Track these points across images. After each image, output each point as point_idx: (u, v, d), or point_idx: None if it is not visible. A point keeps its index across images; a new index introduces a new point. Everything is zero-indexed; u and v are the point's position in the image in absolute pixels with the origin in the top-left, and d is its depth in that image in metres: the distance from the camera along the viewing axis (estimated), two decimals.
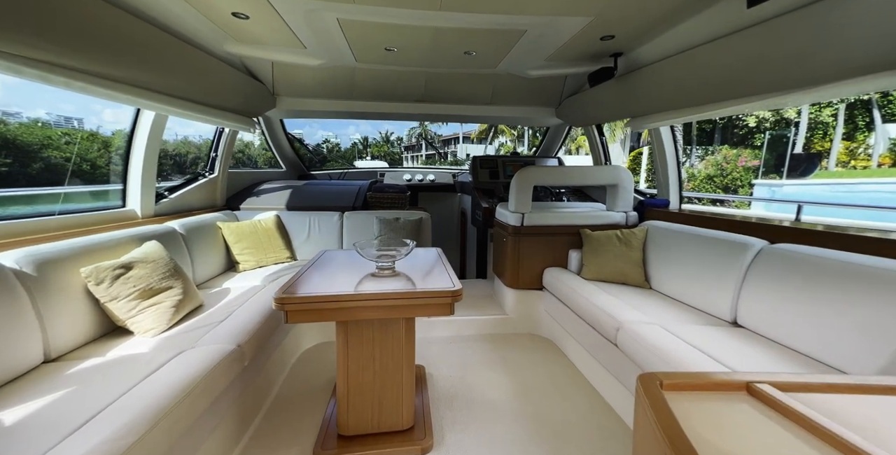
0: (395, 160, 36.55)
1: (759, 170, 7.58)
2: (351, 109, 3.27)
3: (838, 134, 9.15)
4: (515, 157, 4.04)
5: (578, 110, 3.10)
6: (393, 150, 38.00)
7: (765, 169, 7.68)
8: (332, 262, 1.75)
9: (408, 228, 2.77)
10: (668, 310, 1.75)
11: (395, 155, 37.37)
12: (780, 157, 7.36)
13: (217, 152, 2.78)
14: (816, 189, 6.53)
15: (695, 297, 1.78)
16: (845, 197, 5.99)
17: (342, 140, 44.08)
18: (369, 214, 2.87)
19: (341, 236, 2.81)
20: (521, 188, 2.43)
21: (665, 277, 2.00)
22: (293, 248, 2.67)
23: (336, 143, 42.93)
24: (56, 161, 19.65)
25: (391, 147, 38.51)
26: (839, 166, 8.94)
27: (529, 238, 2.47)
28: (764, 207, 7.24)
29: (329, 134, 45.11)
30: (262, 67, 2.58)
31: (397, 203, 3.36)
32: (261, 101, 2.85)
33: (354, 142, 43.91)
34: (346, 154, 40.32)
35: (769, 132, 8.25)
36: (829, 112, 8.80)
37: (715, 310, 1.66)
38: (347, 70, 2.72)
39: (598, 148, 3.37)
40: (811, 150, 8.29)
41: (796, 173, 6.96)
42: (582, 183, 2.46)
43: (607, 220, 2.48)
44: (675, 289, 1.92)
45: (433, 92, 3.11)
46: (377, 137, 40.22)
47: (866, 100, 9.17)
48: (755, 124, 8.87)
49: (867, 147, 9.49)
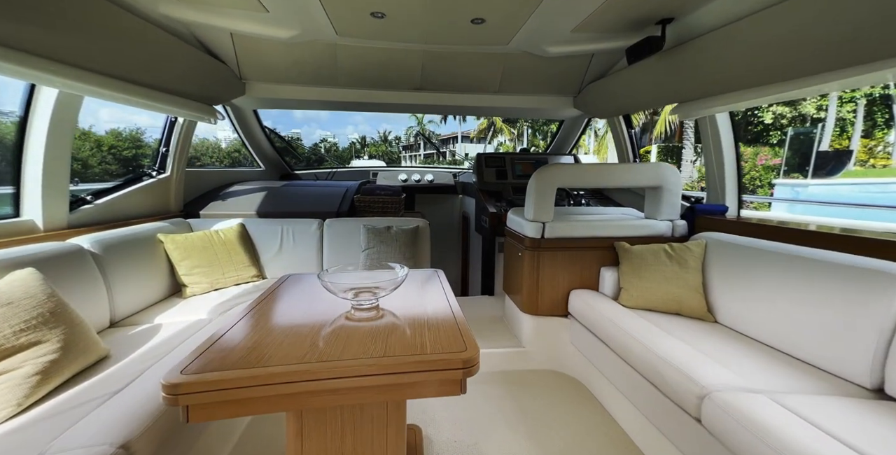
0: (394, 160, 36.08)
1: (779, 168, 7.11)
2: (336, 99, 2.78)
3: (857, 131, 8.69)
4: (526, 155, 3.56)
5: (604, 98, 2.61)
6: (391, 149, 37.52)
7: (786, 168, 7.21)
8: (292, 295, 1.27)
9: (401, 240, 2.29)
10: (762, 364, 1.25)
11: (394, 154, 36.89)
12: (804, 155, 6.89)
13: (169, 147, 2.29)
14: (844, 189, 6.07)
15: (804, 346, 1.27)
16: (883, 197, 5.53)
17: (340, 139, 43.59)
18: (356, 222, 2.38)
19: (321, 249, 2.32)
20: (542, 191, 1.95)
21: (741, 310, 1.51)
22: (261, 264, 2.18)
23: (334, 143, 42.43)
24: None
25: (389, 146, 38.02)
26: (857, 165, 8.49)
27: (552, 253, 1.98)
28: (787, 209, 6.79)
29: (327, 133, 44.62)
30: (221, 42, 2.08)
31: (390, 208, 2.87)
32: (224, 85, 2.36)
33: (353, 141, 43.44)
34: (344, 153, 39.81)
35: (791, 129, 7.77)
36: (850, 107, 8.34)
37: (844, 369, 1.16)
38: (327, 48, 2.24)
39: (626, 143, 2.89)
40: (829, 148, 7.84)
41: (823, 172, 6.51)
42: (618, 184, 1.98)
43: (649, 230, 2.00)
44: (761, 328, 1.43)
45: (432, 77, 2.63)
46: (375, 137, 39.77)
47: (887, 95, 8.72)
48: (771, 121, 8.38)
49: (886, 145, 9.04)
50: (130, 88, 1.65)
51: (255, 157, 3.52)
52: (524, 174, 3.36)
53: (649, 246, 1.85)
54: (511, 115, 4.77)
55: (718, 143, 2.00)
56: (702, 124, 2.08)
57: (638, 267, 1.79)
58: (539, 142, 28.26)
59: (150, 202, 2.16)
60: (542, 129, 27.00)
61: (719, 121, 1.98)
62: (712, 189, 2.12)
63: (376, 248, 2.25)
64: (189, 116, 2.16)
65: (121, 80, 1.59)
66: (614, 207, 2.50)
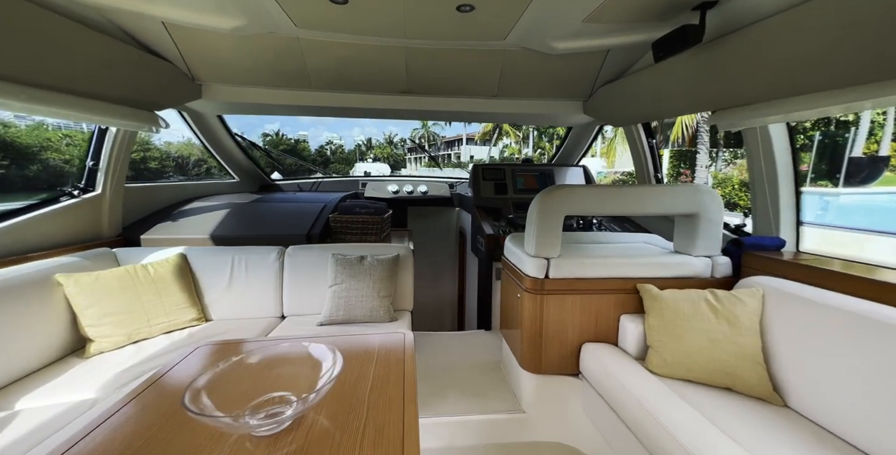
0: (399, 161, 35.85)
1: (807, 176, 6.58)
2: (309, 103, 2.41)
3: (888, 134, 8.12)
4: (528, 166, 3.15)
5: (620, 102, 2.20)
6: (396, 151, 37.31)
7: (814, 175, 6.67)
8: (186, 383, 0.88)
9: (377, 273, 1.89)
10: None
11: (399, 156, 36.67)
12: (834, 162, 6.37)
13: (99, 161, 1.93)
14: (881, 199, 5.54)
15: None
16: None
17: (346, 141, 43.56)
18: (323, 250, 2.00)
19: (280, 284, 1.93)
20: (546, 221, 1.54)
21: (826, 393, 1.09)
22: (204, 304, 1.80)
23: (340, 145, 42.33)
24: (55, 163, 19.05)
25: (395, 148, 37.81)
26: (889, 170, 7.91)
27: (558, 297, 1.58)
28: (815, 219, 6.27)
29: (334, 135, 44.69)
30: (156, 35, 1.72)
31: (370, 229, 2.48)
32: (171, 88, 2.00)
33: (358, 143, 43.33)
34: (350, 156, 39.63)
35: (818, 132, 7.22)
36: (879, 110, 7.78)
37: None
38: (289, 43, 1.87)
39: (645, 157, 2.47)
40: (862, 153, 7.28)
41: (856, 180, 5.98)
42: (643, 211, 1.57)
43: (681, 269, 1.58)
44: (858, 423, 1.01)
45: (419, 79, 2.25)
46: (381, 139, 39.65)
47: None
48: (794, 124, 7.83)
49: None
50: (38, 96, 1.30)
51: (226, 167, 3.16)
52: (526, 189, 2.95)
53: (685, 292, 1.43)
54: (512, 121, 4.34)
55: (772, 160, 1.58)
56: (748, 137, 1.66)
57: (671, 321, 1.37)
58: (545, 144, 27.74)
59: (70, 228, 1.80)
60: (548, 131, 26.55)
61: (773, 133, 1.57)
62: (761, 215, 1.69)
63: (345, 283, 1.86)
64: (121, 125, 1.80)
65: (23, 85, 1.24)
66: (633, 233, 2.08)
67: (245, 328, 1.75)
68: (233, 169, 3.23)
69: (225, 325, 1.75)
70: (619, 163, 15.08)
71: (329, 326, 1.79)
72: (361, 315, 1.82)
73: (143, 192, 2.30)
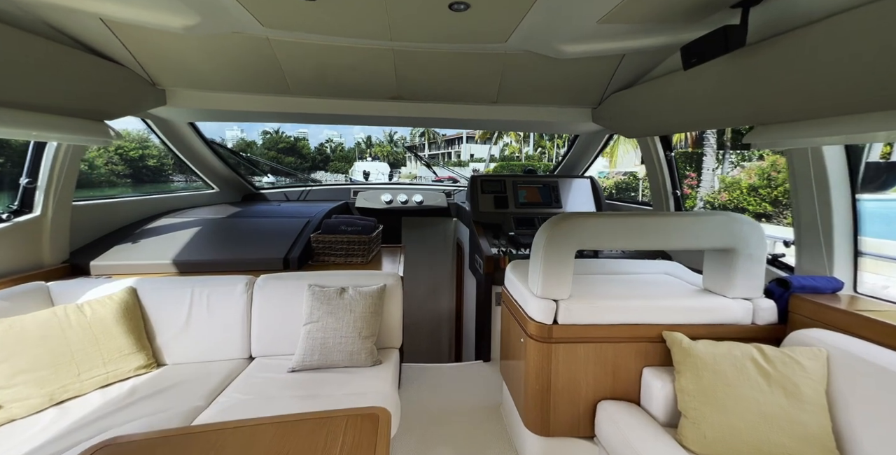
0: (399, 160, 35.56)
1: None
2: (289, 109, 2.17)
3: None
4: (530, 177, 2.90)
5: (635, 112, 1.95)
6: (396, 149, 37.02)
7: None
8: None
9: (359, 309, 1.64)
10: None
11: (399, 154, 36.36)
12: (850, 167, 6.11)
13: (37, 178, 1.67)
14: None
15: None
16: None
17: (347, 139, 43.24)
18: (298, 280, 1.74)
19: (248, 320, 1.68)
20: (555, 257, 1.29)
21: None
22: (156, 347, 1.55)
23: (340, 143, 42.00)
24: None
25: (395, 147, 37.53)
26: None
27: (570, 347, 1.33)
28: None
29: (334, 133, 44.39)
30: (98, 35, 1.46)
31: (356, 250, 2.23)
32: (124, 94, 1.74)
33: (358, 141, 43.01)
34: (349, 154, 39.29)
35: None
36: None
37: None
38: (259, 45, 1.62)
39: (662, 175, 2.21)
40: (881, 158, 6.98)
41: (874, 186, 5.71)
42: (669, 244, 1.33)
43: (715, 314, 1.33)
44: None
45: (410, 84, 2.00)
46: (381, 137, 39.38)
47: None
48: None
49: None
50: None
51: (203, 177, 2.91)
52: (529, 202, 2.70)
53: (725, 346, 1.18)
54: (513, 129, 4.08)
55: (825, 186, 1.33)
56: (794, 157, 1.41)
57: (710, 384, 1.12)
58: (546, 143, 27.42)
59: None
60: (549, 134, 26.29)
61: (827, 155, 1.31)
62: (807, 249, 1.44)
63: (322, 321, 1.60)
64: (61, 139, 1.55)
65: None
66: (651, 262, 1.83)
67: (204, 374, 1.50)
68: (211, 178, 2.97)
69: (180, 372, 1.50)
70: (622, 163, 14.82)
71: (301, 373, 1.54)
72: (340, 359, 1.57)
73: (98, 211, 2.05)
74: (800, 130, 1.18)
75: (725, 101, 1.38)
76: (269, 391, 1.38)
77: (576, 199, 2.79)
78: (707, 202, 7.81)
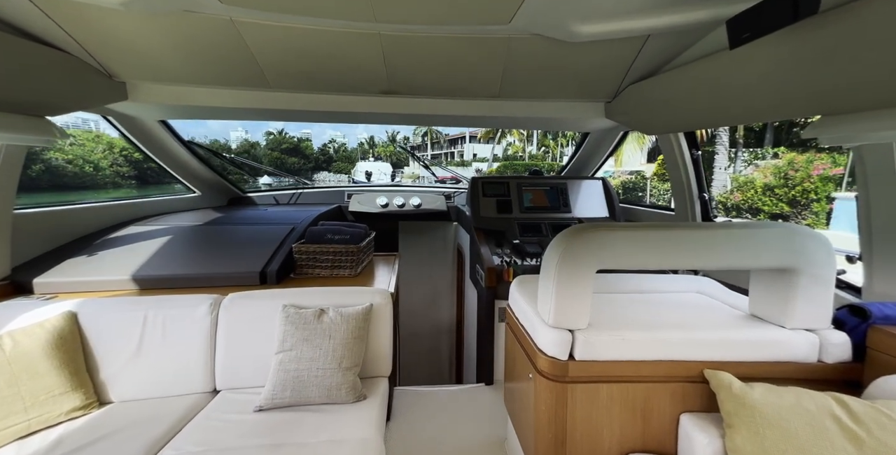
0: (402, 160, 35.39)
1: (840, 179, 6.00)
2: (268, 106, 1.95)
3: None
4: (536, 178, 2.66)
5: (658, 105, 1.70)
6: (399, 149, 36.90)
7: (851, 179, 6.07)
8: None
9: (339, 335, 1.40)
10: None
11: (401, 154, 36.22)
12: None
13: None
14: None
15: None
16: None
17: (350, 139, 43.23)
18: (272, 299, 1.51)
19: (211, 348, 1.45)
20: (571, 279, 1.06)
21: None
22: (98, 382, 1.32)
23: (343, 143, 41.95)
24: (58, 163, 18.69)
25: (397, 147, 37.41)
26: None
27: (590, 388, 1.09)
28: (851, 228, 5.71)
29: (337, 133, 44.42)
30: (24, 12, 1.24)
31: (343, 262, 2.00)
32: (71, 86, 1.52)
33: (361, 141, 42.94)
34: (352, 154, 39.19)
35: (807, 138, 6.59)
36: None
37: None
38: (221, 28, 1.39)
39: (687, 174, 1.96)
40: None
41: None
42: (713, 264, 1.08)
43: (771, 349, 1.08)
44: None
45: (402, 76, 1.78)
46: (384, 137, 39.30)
47: None
48: None
49: None
50: None
51: (182, 180, 2.69)
52: (535, 206, 2.45)
53: (791, 394, 0.93)
54: (517, 126, 3.80)
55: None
56: (865, 152, 1.15)
57: (778, 447, 0.87)
58: (549, 142, 27.08)
59: None
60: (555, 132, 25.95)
61: None
62: (882, 266, 1.18)
63: (296, 350, 1.37)
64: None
65: None
66: (678, 277, 1.58)
67: (155, 414, 1.27)
68: (191, 181, 2.76)
69: (127, 411, 1.28)
70: (628, 162, 14.50)
71: (270, 413, 1.31)
72: (316, 395, 1.34)
73: (50, 219, 1.83)
74: (884, 121, 0.93)
75: (783, 86, 1.13)
76: (228, 440, 1.15)
77: (586, 203, 2.55)
78: (719, 202, 7.53)
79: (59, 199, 2.12)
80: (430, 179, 3.95)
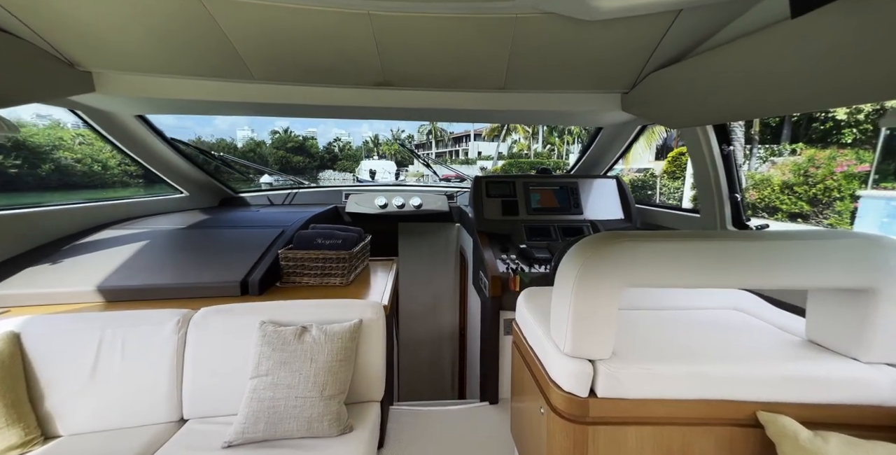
0: (406, 158, 35.31)
1: (866, 177, 5.68)
2: (256, 99, 1.79)
3: None
4: (544, 177, 2.46)
5: (686, 93, 1.49)
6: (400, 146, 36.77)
7: (877, 176, 5.74)
8: None
9: (322, 359, 1.23)
10: None
11: (406, 152, 36.05)
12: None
13: None
14: None
15: None
16: None
17: (355, 138, 43.28)
18: (249, 314, 1.34)
19: (178, 373, 1.28)
20: (592, 296, 0.87)
21: None
22: (44, 412, 1.16)
23: (348, 142, 41.93)
24: (66, 162, 18.70)
25: (402, 145, 37.27)
26: None
27: (616, 430, 0.90)
28: (880, 227, 5.39)
29: (342, 132, 44.48)
30: None
31: (334, 269, 1.83)
32: (23, 74, 1.36)
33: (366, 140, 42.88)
34: (357, 153, 39.13)
35: (886, 126, 6.28)
36: None
37: None
38: (187, 7, 1.22)
39: (716, 173, 1.75)
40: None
41: None
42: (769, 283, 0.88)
43: (842, 388, 0.87)
44: None
45: (396, 65, 1.60)
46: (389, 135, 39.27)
47: None
48: (845, 116, 6.88)
49: None
50: None
51: (167, 180, 2.54)
52: (543, 208, 2.26)
53: (885, 452, 0.73)
54: (523, 121, 3.57)
55: None
56: None
57: None
58: (554, 140, 26.69)
59: None
60: (558, 127, 25.58)
61: None
62: None
63: (273, 375, 1.20)
64: None
65: None
66: (709, 291, 1.37)
67: (111, 449, 1.11)
68: (177, 181, 2.60)
69: (76, 447, 1.12)
70: (637, 160, 14.16)
71: (241, 449, 1.14)
72: (294, 428, 1.16)
73: (11, 223, 1.67)
74: None
75: (850, 65, 0.92)
76: None
77: (599, 204, 2.34)
78: None
79: (67, 199, 2.01)
80: (435, 178, 3.77)
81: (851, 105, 1.20)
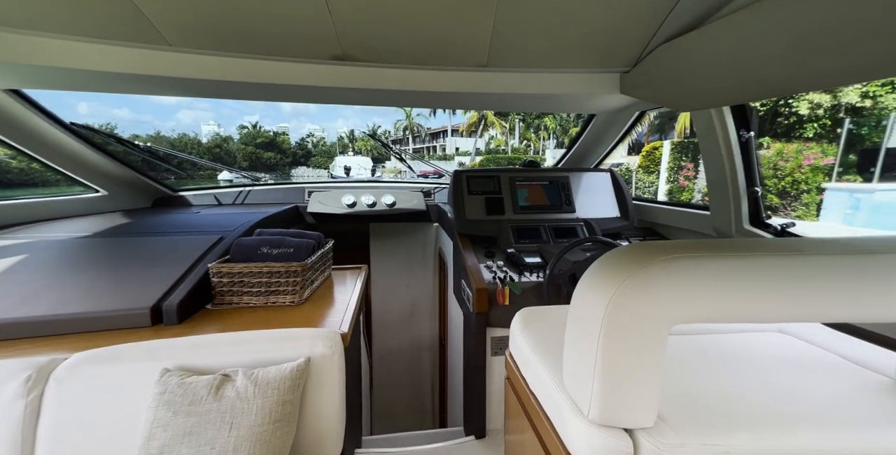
0: (383, 154, 34.56)
1: (831, 170, 5.86)
2: (171, 73, 1.41)
3: None
4: (531, 171, 2.18)
5: (700, 69, 1.24)
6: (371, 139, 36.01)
7: (841, 169, 5.93)
8: None
9: (250, 421, 0.88)
10: None
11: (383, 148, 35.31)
12: (868, 154, 5.66)
13: None
14: None
15: None
16: None
17: (329, 133, 41.92)
18: (148, 360, 0.97)
19: (29, 451, 0.90)
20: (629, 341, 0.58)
21: None
22: None
23: (322, 137, 40.45)
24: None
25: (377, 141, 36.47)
26: None
27: None
28: (843, 220, 5.57)
29: (316, 127, 42.90)
30: None
31: (282, 286, 1.47)
32: None
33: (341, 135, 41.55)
34: (331, 149, 37.80)
35: (849, 120, 6.47)
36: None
37: None
38: None
39: (732, 163, 1.52)
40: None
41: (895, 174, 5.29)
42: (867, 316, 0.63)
43: None
44: None
45: (356, 35, 1.27)
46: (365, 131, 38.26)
47: None
48: (807, 111, 7.09)
49: None
50: None
51: (74, 176, 2.06)
52: (532, 205, 1.98)
53: None
54: (507, 108, 3.25)
55: None
56: None
57: None
58: (530, 135, 26.76)
59: None
60: (534, 121, 25.64)
61: None
62: None
63: (173, 452, 0.84)
64: None
65: None
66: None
67: None
68: (88, 178, 2.13)
69: None
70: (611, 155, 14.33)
71: None
72: None
73: None
74: None
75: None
76: None
77: (593, 200, 2.10)
78: (706, 195, 7.35)
79: None
80: (412, 175, 3.43)
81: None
